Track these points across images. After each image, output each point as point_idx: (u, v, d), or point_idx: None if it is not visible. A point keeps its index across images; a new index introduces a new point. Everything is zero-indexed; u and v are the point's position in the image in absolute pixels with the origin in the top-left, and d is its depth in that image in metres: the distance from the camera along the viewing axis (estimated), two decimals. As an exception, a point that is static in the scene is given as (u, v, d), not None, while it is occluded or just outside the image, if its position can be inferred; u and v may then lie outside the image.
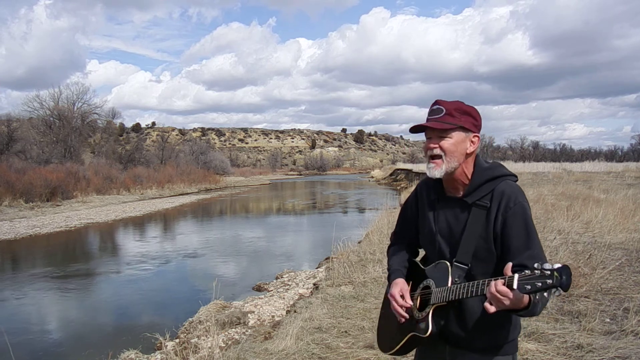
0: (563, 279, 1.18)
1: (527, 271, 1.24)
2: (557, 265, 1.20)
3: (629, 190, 13.06)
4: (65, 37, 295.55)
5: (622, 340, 3.44)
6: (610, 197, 11.39)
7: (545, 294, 1.22)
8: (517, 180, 1.63)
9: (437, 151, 1.56)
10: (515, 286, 1.25)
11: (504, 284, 1.29)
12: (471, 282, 1.45)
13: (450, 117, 1.56)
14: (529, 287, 1.23)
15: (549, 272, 1.20)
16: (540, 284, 1.21)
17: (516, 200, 1.51)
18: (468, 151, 1.58)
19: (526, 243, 1.48)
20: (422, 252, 1.86)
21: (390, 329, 1.77)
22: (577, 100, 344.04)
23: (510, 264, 1.33)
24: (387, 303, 1.88)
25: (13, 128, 30.62)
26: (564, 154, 65.84)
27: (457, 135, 1.56)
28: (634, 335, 3.52)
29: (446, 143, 1.55)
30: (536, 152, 68.41)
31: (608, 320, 3.93)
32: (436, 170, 1.57)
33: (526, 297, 1.31)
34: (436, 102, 1.60)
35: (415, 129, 1.62)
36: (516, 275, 1.26)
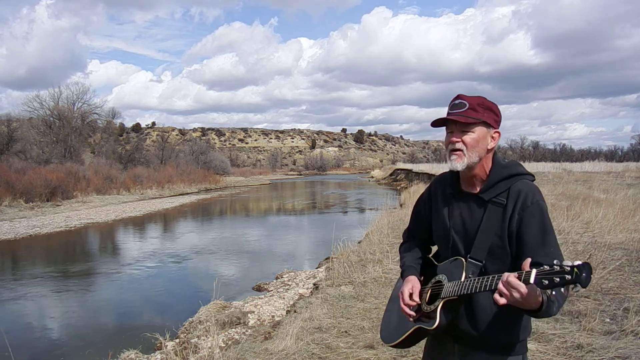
0: (583, 275, 1.17)
1: (546, 267, 1.23)
2: (577, 262, 1.19)
3: (629, 190, 13.06)
4: (67, 37, 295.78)
5: (622, 340, 3.44)
6: (610, 197, 11.39)
7: (562, 289, 1.21)
8: (534, 180, 1.62)
9: (459, 145, 1.55)
10: (532, 280, 1.23)
11: (518, 278, 1.28)
12: (484, 277, 1.44)
13: (473, 111, 1.54)
14: (546, 282, 1.21)
15: (569, 269, 1.19)
16: (558, 279, 1.19)
17: (533, 199, 1.50)
18: (489, 147, 1.58)
19: (542, 241, 1.46)
20: (434, 249, 1.85)
21: (396, 320, 1.77)
22: (578, 100, 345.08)
23: (529, 260, 1.31)
24: (395, 297, 1.87)
25: (13, 128, 30.61)
26: (563, 154, 65.83)
27: (479, 130, 1.55)
28: (634, 335, 3.52)
29: (468, 138, 1.54)
30: (536, 152, 68.37)
31: (608, 320, 3.93)
32: (458, 163, 1.55)
33: (540, 297, 1.30)
34: (458, 97, 1.58)
35: (437, 122, 1.60)
36: (534, 270, 1.24)
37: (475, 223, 1.58)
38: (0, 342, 5.28)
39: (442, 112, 1.67)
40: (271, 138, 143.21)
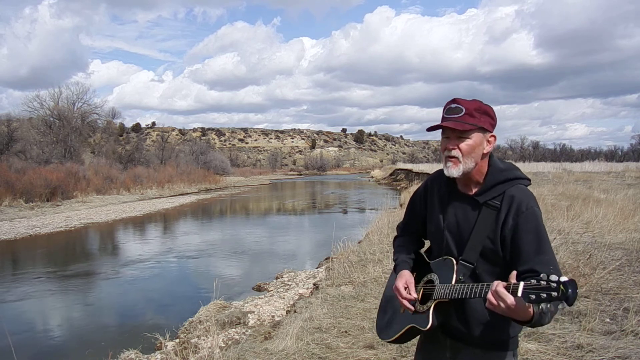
0: (569, 292, 1.16)
1: (533, 280, 1.22)
2: (564, 278, 1.18)
3: (629, 190, 13.07)
4: (69, 37, 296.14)
5: (622, 340, 3.44)
6: (610, 197, 11.39)
7: (549, 305, 1.20)
8: (530, 184, 1.62)
9: (455, 152, 1.54)
10: (519, 294, 1.24)
11: (506, 289, 1.29)
12: (476, 284, 1.45)
13: (470, 117, 1.53)
14: (533, 296, 1.21)
15: (555, 285, 1.18)
16: (545, 295, 1.19)
17: (528, 205, 1.51)
18: (485, 151, 1.58)
19: (537, 248, 1.46)
20: (427, 244, 1.87)
21: (391, 317, 1.79)
22: (579, 100, 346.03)
23: (514, 272, 1.33)
24: (390, 291, 1.88)
25: (13, 128, 30.57)
26: (564, 154, 65.80)
27: (475, 137, 1.54)
28: (634, 335, 3.52)
29: (464, 145, 1.53)
30: (536, 152, 68.32)
31: (608, 320, 3.93)
32: (454, 170, 1.55)
33: (531, 309, 1.29)
34: (454, 101, 1.57)
35: (433, 128, 1.59)
36: (522, 283, 1.24)
37: (469, 225, 1.58)
38: (1, 342, 5.28)
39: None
40: (271, 138, 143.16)
